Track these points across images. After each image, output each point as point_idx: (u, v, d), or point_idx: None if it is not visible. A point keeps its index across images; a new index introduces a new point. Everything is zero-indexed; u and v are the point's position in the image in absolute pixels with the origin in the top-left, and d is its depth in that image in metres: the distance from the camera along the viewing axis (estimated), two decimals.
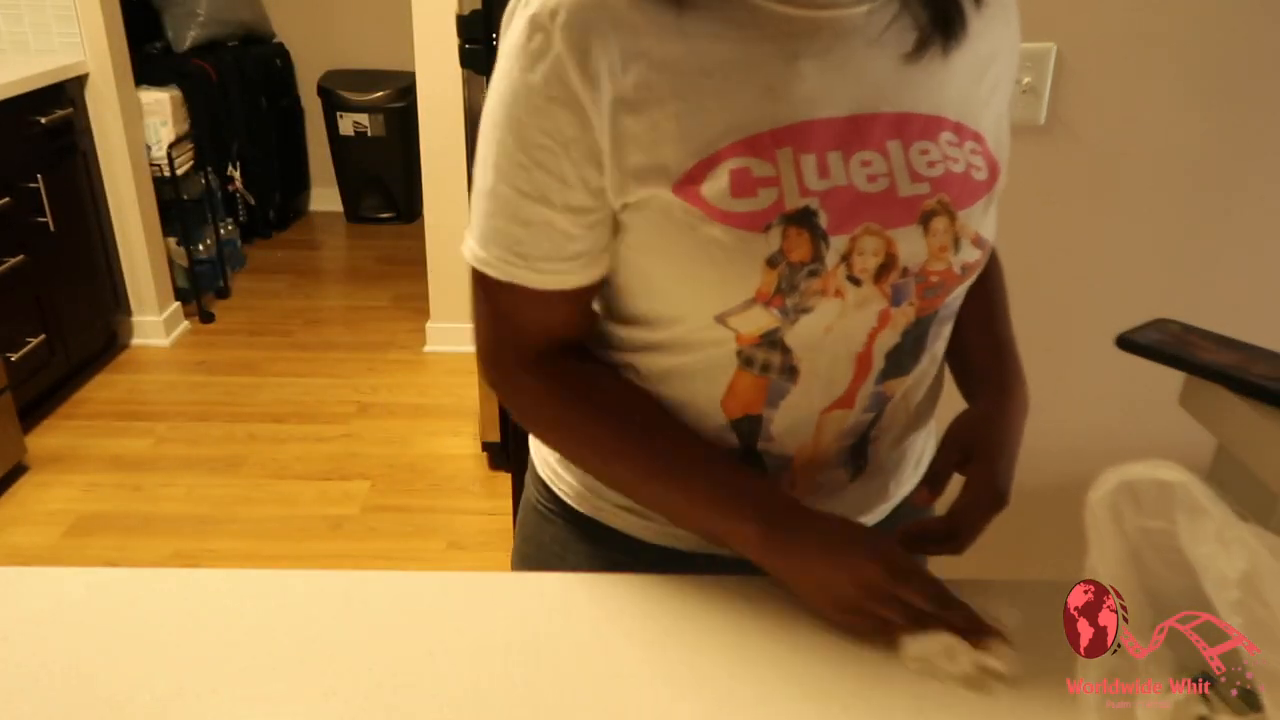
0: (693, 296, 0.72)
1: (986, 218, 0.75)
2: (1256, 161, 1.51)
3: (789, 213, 0.67)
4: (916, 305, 0.73)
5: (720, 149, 0.67)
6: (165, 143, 3.47)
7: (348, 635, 0.71)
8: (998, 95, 0.78)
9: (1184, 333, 0.86)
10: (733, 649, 0.71)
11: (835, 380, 0.75)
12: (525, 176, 0.70)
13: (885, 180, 0.70)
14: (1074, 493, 1.79)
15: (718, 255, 0.68)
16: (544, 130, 0.68)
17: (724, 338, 0.72)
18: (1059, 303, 1.58)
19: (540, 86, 0.67)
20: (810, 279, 0.68)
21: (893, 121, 0.71)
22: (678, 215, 0.68)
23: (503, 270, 0.73)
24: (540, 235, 0.72)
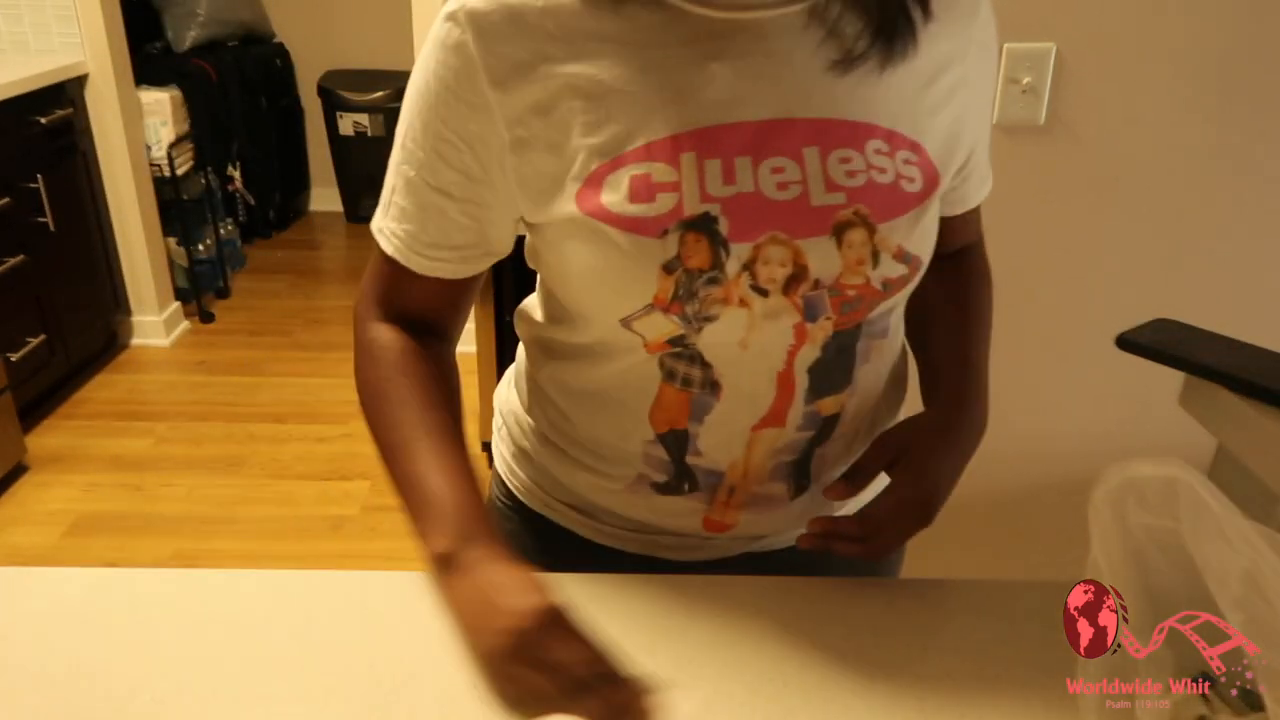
0: (596, 300, 0.72)
1: (916, 231, 0.71)
2: (1256, 161, 1.51)
3: (687, 219, 0.66)
4: (834, 320, 0.71)
5: (623, 153, 0.67)
6: (165, 143, 3.46)
7: (348, 635, 0.71)
8: (956, 100, 0.74)
9: (1184, 333, 0.86)
10: (733, 649, 0.71)
11: (758, 397, 0.73)
12: (428, 165, 0.72)
13: (797, 188, 0.67)
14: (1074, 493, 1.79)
15: (615, 260, 0.67)
16: (449, 125, 0.70)
17: (633, 343, 0.72)
18: (1059, 303, 1.58)
19: (451, 83, 0.68)
20: (710, 286, 0.67)
21: (812, 127, 0.68)
22: (579, 222, 0.68)
23: (391, 246, 0.75)
24: (431, 222, 0.73)
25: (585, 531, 0.86)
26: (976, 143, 0.79)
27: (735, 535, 0.82)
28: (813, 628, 0.73)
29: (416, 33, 2.89)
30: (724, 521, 0.80)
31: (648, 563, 0.84)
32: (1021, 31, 1.43)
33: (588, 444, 0.81)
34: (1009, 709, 0.66)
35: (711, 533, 0.81)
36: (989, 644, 0.72)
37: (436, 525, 0.66)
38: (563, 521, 0.87)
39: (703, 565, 0.84)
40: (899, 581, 0.83)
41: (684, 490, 0.79)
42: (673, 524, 0.82)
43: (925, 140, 0.72)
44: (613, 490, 0.81)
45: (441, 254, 0.75)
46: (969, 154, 0.78)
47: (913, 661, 0.70)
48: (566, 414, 0.82)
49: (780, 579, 0.78)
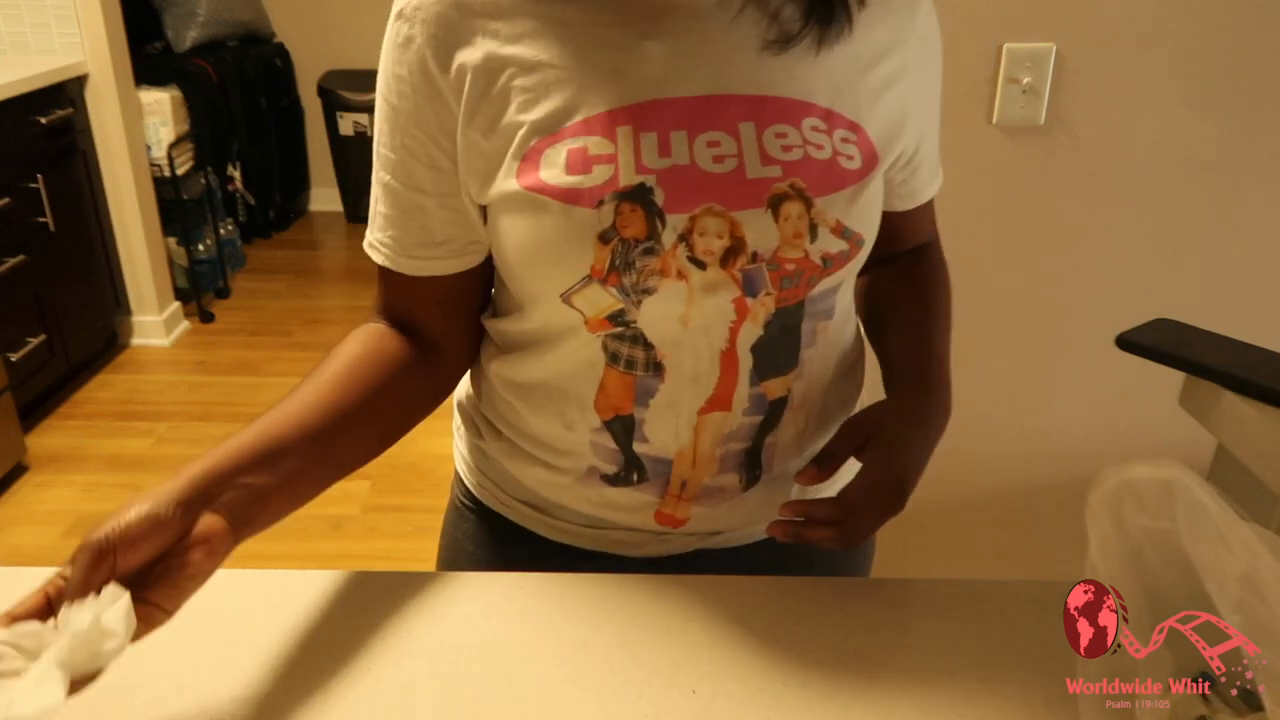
0: (536, 276, 0.73)
1: (855, 208, 0.72)
2: (1256, 161, 1.51)
3: (623, 189, 0.67)
4: (775, 295, 0.71)
5: (561, 129, 0.68)
6: (165, 143, 3.47)
7: (348, 635, 0.71)
8: (898, 87, 0.75)
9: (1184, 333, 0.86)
10: (733, 649, 0.71)
11: (702, 377, 0.74)
12: (400, 166, 0.73)
13: (733, 161, 0.69)
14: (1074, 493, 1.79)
15: (551, 231, 0.69)
16: (412, 120, 0.71)
17: (574, 321, 0.72)
18: (1059, 302, 1.58)
19: (406, 78, 0.70)
20: (647, 257, 0.68)
21: (748, 103, 0.69)
22: (519, 196, 0.69)
23: (381, 255, 0.77)
24: (414, 222, 0.75)
25: (540, 529, 0.86)
26: (923, 135, 0.81)
27: (689, 531, 0.82)
28: (812, 628, 0.73)
29: None
30: (676, 515, 0.80)
31: (603, 560, 0.84)
32: (1021, 31, 1.43)
33: (538, 437, 0.81)
34: (1009, 709, 0.66)
35: (665, 526, 0.81)
36: (989, 644, 0.72)
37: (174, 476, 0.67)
38: (518, 519, 0.87)
39: (658, 562, 0.84)
40: (898, 581, 0.83)
41: (634, 481, 0.79)
42: (625, 519, 0.82)
43: (865, 122, 0.73)
44: (565, 484, 0.81)
45: (429, 252, 0.76)
46: (916, 145, 0.80)
47: (912, 661, 0.70)
48: (515, 407, 0.82)
49: (777, 579, 0.78)
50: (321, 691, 0.66)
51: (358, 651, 0.70)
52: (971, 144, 1.48)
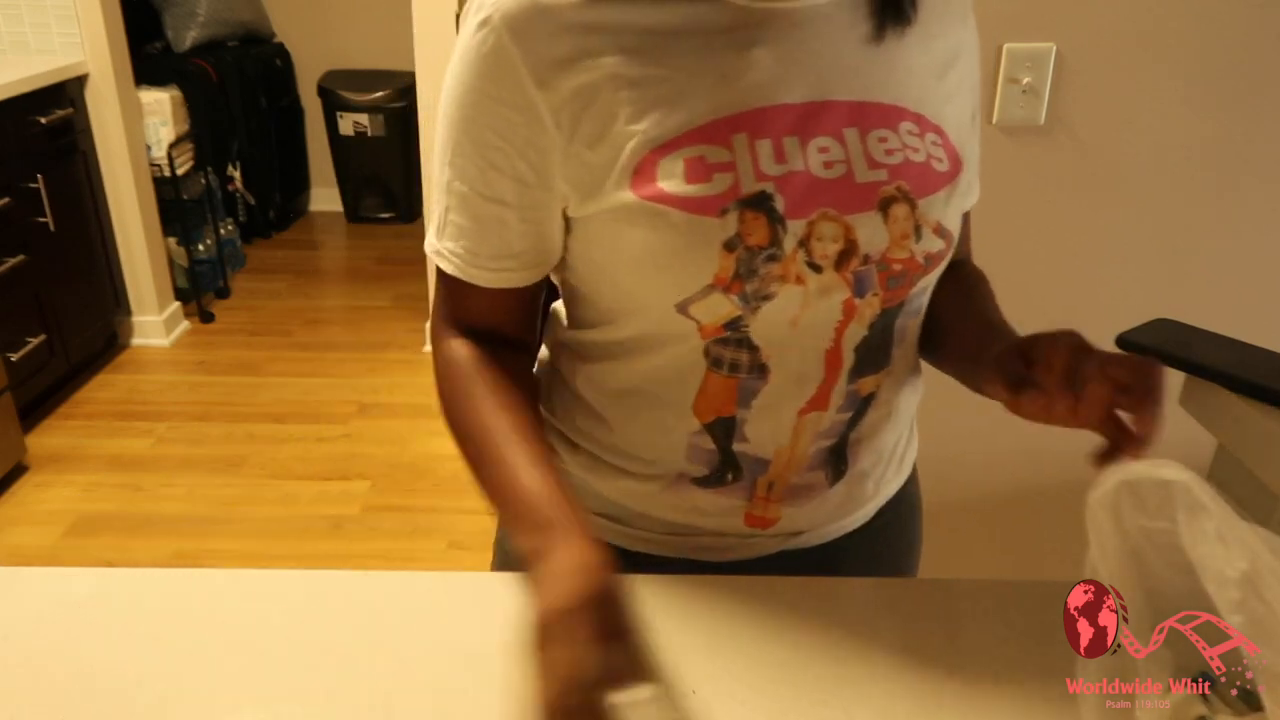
0: (653, 286, 0.71)
1: (949, 209, 0.74)
2: (1256, 161, 1.51)
3: (745, 197, 0.67)
4: (881, 296, 0.73)
5: (675, 138, 0.68)
6: (165, 143, 3.47)
7: (348, 635, 0.71)
8: (961, 97, 0.78)
9: (1184, 333, 0.86)
10: (733, 649, 0.71)
11: (806, 377, 0.75)
12: (480, 176, 0.71)
13: (842, 166, 0.70)
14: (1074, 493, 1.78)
15: (675, 241, 0.68)
16: (497, 132, 0.70)
17: (687, 330, 0.72)
18: (1059, 303, 1.58)
19: (492, 90, 0.68)
20: (769, 264, 0.68)
21: (850, 109, 0.71)
22: (635, 207, 0.68)
23: (454, 266, 0.75)
24: (491, 234, 0.73)
25: (617, 539, 0.84)
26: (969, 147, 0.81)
27: (774, 532, 0.82)
28: (813, 627, 0.73)
29: (417, 33, 2.89)
30: (766, 516, 0.80)
31: (683, 566, 0.83)
32: (1021, 31, 1.43)
33: (625, 446, 0.81)
34: (1009, 709, 0.66)
35: (753, 529, 0.81)
36: (989, 644, 0.72)
37: (520, 525, 0.68)
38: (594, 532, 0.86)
39: (738, 565, 0.83)
40: (899, 581, 0.83)
41: (727, 481, 0.78)
42: (713, 523, 0.81)
43: (945, 126, 0.75)
44: (651, 492, 0.81)
45: (504, 264, 0.75)
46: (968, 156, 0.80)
47: (913, 661, 0.70)
48: (603, 417, 0.81)
49: (776, 579, 0.78)
50: (322, 691, 0.66)
51: (358, 651, 0.70)
52: None
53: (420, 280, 3.35)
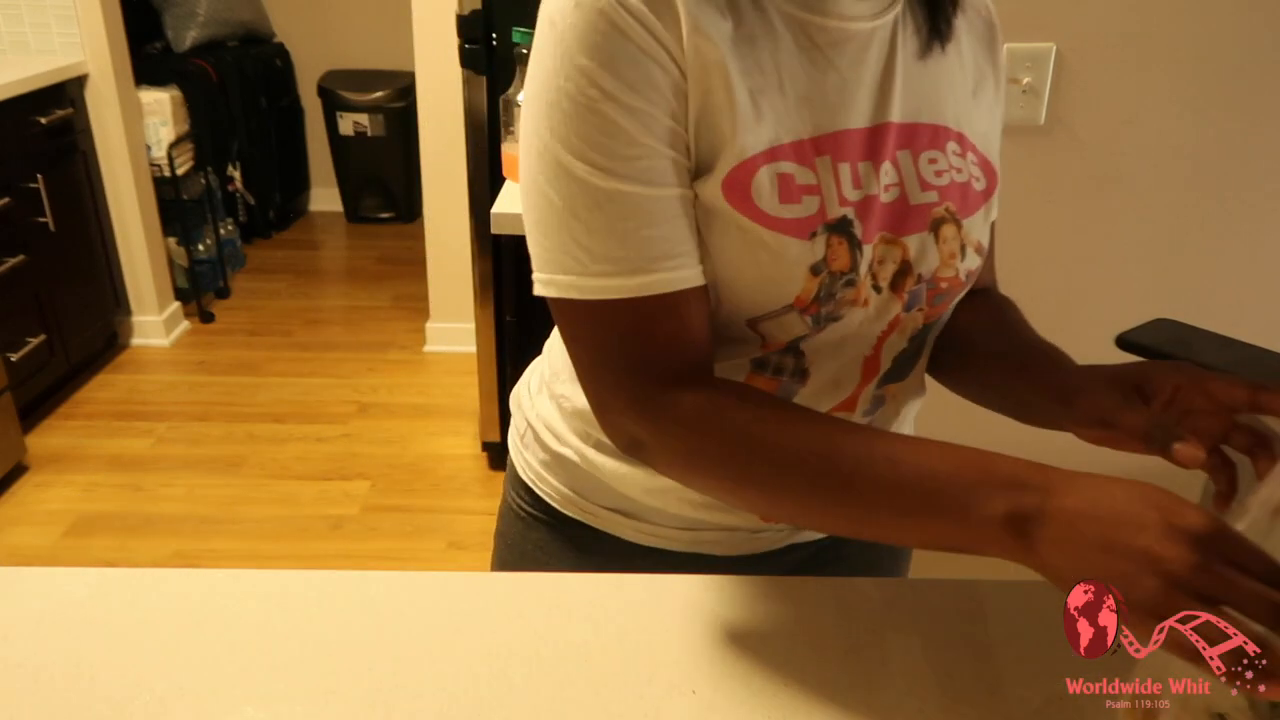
0: (731, 299, 0.69)
1: (986, 226, 0.77)
2: (1256, 161, 1.51)
3: (830, 221, 0.68)
4: (925, 311, 0.75)
5: (765, 151, 0.66)
6: (165, 143, 3.47)
7: (348, 635, 0.71)
8: (993, 114, 0.81)
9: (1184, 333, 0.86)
10: (733, 649, 0.71)
11: (843, 383, 0.76)
12: (635, 165, 0.63)
13: (897, 190, 0.71)
14: None
15: (764, 259, 0.66)
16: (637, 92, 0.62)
17: (751, 343, 0.71)
18: (1059, 303, 1.58)
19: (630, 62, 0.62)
20: (847, 288, 0.69)
21: (902, 131, 0.72)
22: (726, 216, 0.65)
23: (619, 289, 0.64)
24: (656, 226, 0.64)
25: (628, 534, 0.84)
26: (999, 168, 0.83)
27: (784, 526, 0.83)
28: (812, 628, 0.73)
29: (417, 33, 2.89)
30: None
31: (691, 560, 0.83)
32: (1021, 31, 1.43)
33: None
34: (1009, 709, 0.66)
35: (765, 523, 0.82)
36: (989, 644, 0.72)
37: (973, 496, 0.57)
38: (603, 526, 0.85)
39: (746, 560, 0.84)
40: (898, 581, 0.83)
41: None
42: (726, 519, 0.82)
43: (979, 143, 0.77)
44: (666, 487, 0.80)
45: (678, 262, 0.65)
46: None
47: (913, 661, 0.70)
48: None
49: (776, 579, 0.78)
50: (322, 691, 0.66)
51: (358, 651, 0.70)
52: None
53: (420, 280, 3.35)
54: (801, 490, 0.64)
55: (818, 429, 0.65)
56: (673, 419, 0.66)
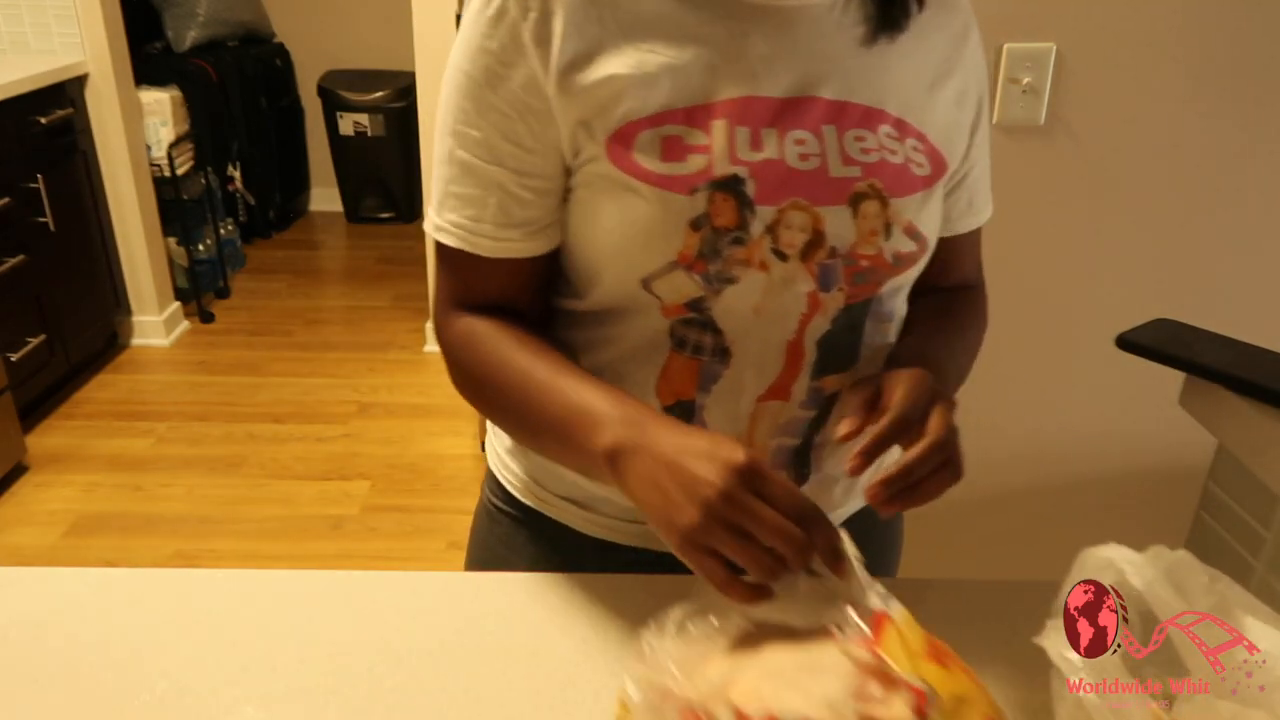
0: (619, 259, 0.72)
1: (925, 211, 0.75)
2: (1256, 161, 1.51)
3: (716, 179, 0.69)
4: (846, 291, 0.74)
5: (656, 114, 0.69)
6: (165, 143, 3.47)
7: (348, 635, 0.71)
8: (956, 110, 0.79)
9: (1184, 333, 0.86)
10: None
11: (767, 366, 0.75)
12: (484, 143, 0.72)
13: (817, 160, 0.71)
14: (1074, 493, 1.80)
15: (643, 216, 0.69)
16: (501, 95, 0.71)
17: (649, 304, 0.73)
18: (1059, 303, 1.58)
19: (497, 51, 0.70)
20: (734, 246, 0.70)
21: (830, 107, 0.72)
22: (610, 177, 0.70)
23: (455, 238, 0.75)
24: (492, 201, 0.73)
25: (579, 524, 0.86)
26: (975, 162, 0.83)
27: None
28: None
29: (417, 33, 2.89)
30: None
31: (643, 556, 0.83)
32: (1021, 31, 1.43)
33: None
34: (1009, 709, 0.66)
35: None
36: (989, 644, 0.72)
37: (595, 427, 0.67)
38: (557, 515, 0.86)
39: None
40: (899, 581, 0.83)
41: None
42: None
43: (930, 134, 0.76)
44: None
45: (507, 234, 0.74)
46: (966, 171, 0.82)
47: None
48: None
49: None
50: (322, 691, 0.66)
51: (358, 651, 0.70)
52: None
53: (420, 280, 3.36)
54: (501, 412, 0.76)
55: (523, 354, 0.74)
56: (447, 340, 0.78)
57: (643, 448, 0.64)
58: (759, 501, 0.59)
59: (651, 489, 0.62)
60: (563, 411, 0.70)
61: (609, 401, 0.68)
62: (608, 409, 0.68)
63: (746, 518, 0.59)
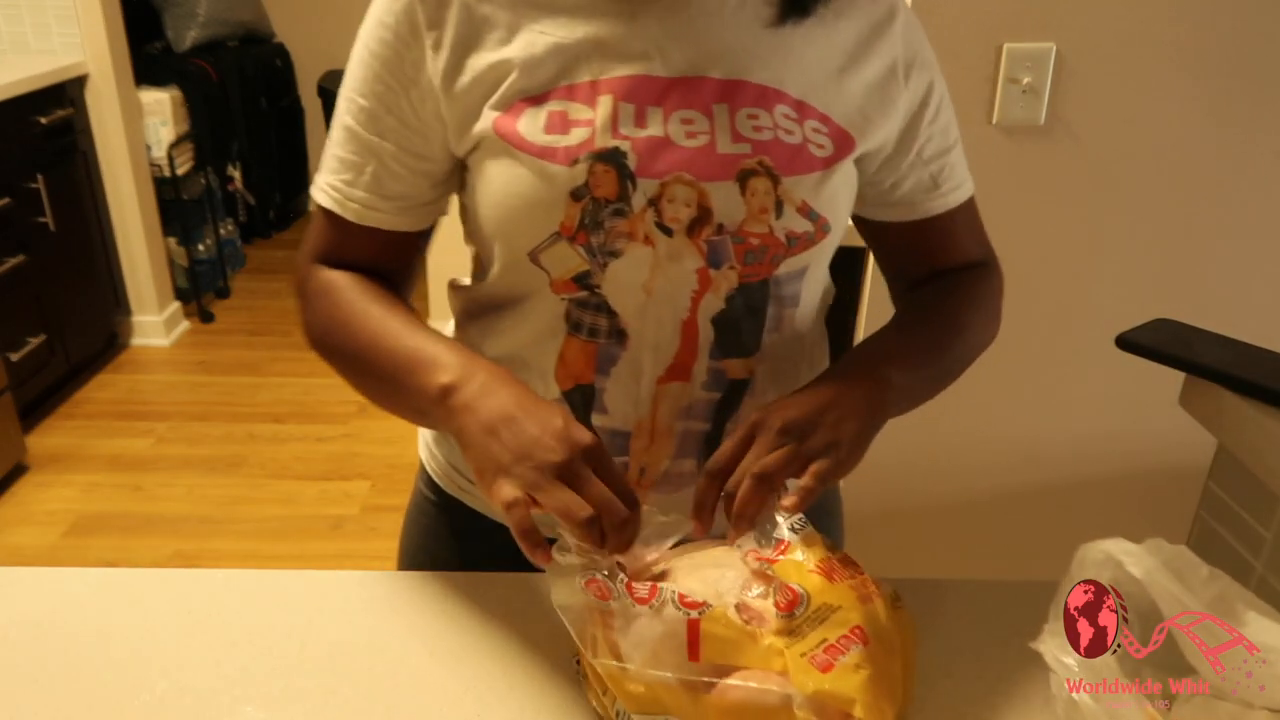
0: (509, 231, 0.74)
1: (823, 191, 0.74)
2: (1256, 161, 1.51)
3: (597, 150, 0.70)
4: (739, 270, 0.74)
5: (545, 92, 0.71)
6: (165, 143, 3.47)
7: (348, 635, 0.71)
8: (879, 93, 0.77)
9: (1184, 333, 0.86)
10: None
11: (663, 347, 0.76)
12: (368, 111, 0.74)
13: (705, 137, 0.72)
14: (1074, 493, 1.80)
15: (524, 186, 0.71)
16: (390, 70, 0.73)
17: (539, 282, 0.74)
18: (1059, 303, 1.58)
19: (392, 26, 0.72)
20: (616, 218, 0.70)
21: (723, 86, 0.73)
22: (496, 150, 0.72)
23: (328, 198, 0.77)
24: (368, 168, 0.75)
25: (486, 509, 0.86)
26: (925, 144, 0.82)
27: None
28: None
29: None
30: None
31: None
32: (1021, 31, 1.43)
33: None
34: (1009, 709, 0.66)
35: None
36: (988, 644, 0.72)
37: (433, 367, 0.69)
38: (476, 505, 0.87)
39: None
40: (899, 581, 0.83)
41: None
42: None
43: (838, 116, 0.76)
44: None
45: (378, 204, 0.76)
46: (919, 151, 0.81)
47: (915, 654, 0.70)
48: None
49: None
50: (322, 691, 0.66)
51: (358, 651, 0.70)
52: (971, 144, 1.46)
53: (419, 280, 3.35)
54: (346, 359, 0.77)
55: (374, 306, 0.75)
56: (307, 289, 0.79)
57: (488, 393, 0.66)
58: (590, 473, 0.62)
59: (486, 435, 0.64)
60: (403, 356, 0.71)
61: (448, 349, 0.70)
62: (445, 354, 0.70)
63: (580, 482, 0.61)
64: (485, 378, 0.67)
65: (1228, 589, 0.58)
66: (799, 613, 0.58)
